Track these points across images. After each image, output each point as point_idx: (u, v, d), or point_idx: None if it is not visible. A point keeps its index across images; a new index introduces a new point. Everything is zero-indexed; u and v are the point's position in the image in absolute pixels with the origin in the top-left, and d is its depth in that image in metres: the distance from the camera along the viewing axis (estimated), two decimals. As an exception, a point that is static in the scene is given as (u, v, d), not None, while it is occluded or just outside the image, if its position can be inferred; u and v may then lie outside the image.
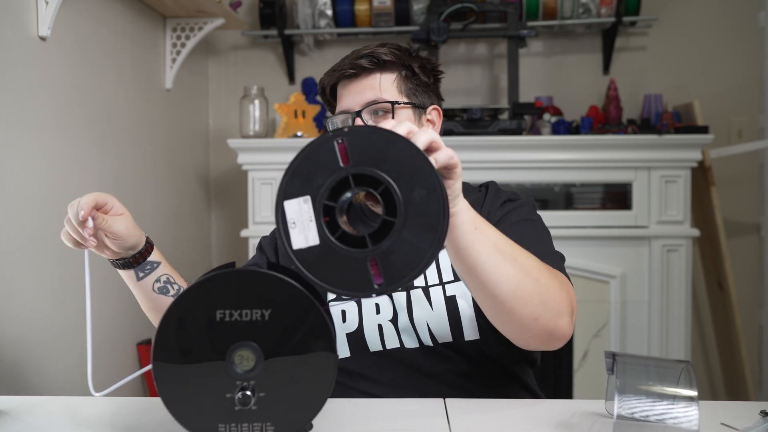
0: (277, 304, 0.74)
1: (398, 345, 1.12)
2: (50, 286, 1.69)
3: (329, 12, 2.62)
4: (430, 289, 1.13)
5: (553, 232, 1.15)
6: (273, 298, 0.74)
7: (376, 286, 0.71)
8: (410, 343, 1.12)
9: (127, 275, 1.13)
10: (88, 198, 1.01)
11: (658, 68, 2.73)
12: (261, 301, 0.74)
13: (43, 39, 1.65)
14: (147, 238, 1.11)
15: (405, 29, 2.64)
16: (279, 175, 2.95)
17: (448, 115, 2.39)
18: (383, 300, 1.14)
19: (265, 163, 2.47)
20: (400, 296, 1.14)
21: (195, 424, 0.75)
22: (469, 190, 1.23)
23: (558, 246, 1.11)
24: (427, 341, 1.12)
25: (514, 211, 1.16)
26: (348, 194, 0.72)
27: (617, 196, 2.45)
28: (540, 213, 1.18)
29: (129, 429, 0.88)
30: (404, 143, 0.71)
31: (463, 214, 0.83)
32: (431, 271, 1.15)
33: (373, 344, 1.13)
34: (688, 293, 2.41)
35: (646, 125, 2.39)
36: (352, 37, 2.77)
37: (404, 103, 1.16)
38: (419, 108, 1.18)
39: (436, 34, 2.41)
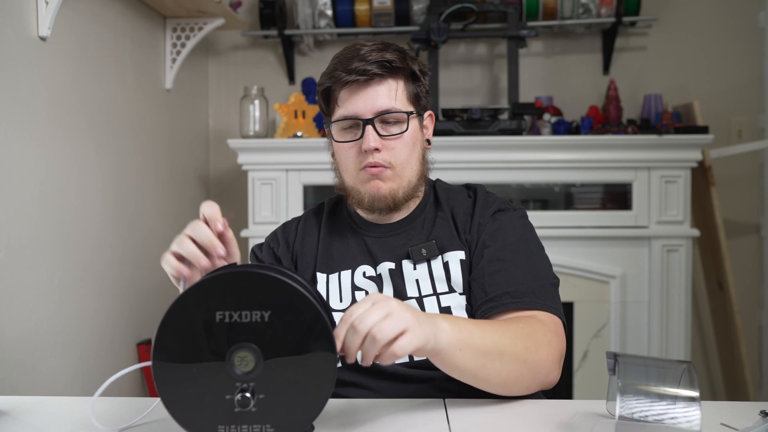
0: (276, 305, 0.74)
1: None
2: (50, 286, 1.69)
3: (329, 12, 2.62)
4: (424, 299, 1.09)
5: (553, 232, 1.15)
6: (273, 300, 0.74)
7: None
8: None
9: None
10: (213, 206, 0.87)
11: (658, 68, 2.73)
12: (261, 303, 0.74)
13: (43, 39, 1.65)
14: None
15: (405, 29, 2.64)
16: (279, 176, 2.91)
17: (448, 115, 2.39)
18: None
19: (265, 164, 2.47)
20: None
21: (195, 425, 0.75)
22: (456, 192, 1.20)
23: (558, 246, 1.10)
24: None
25: (507, 225, 1.12)
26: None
27: (617, 197, 2.45)
28: (540, 213, 1.17)
29: (129, 429, 0.88)
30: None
31: (445, 344, 0.85)
32: (425, 281, 1.10)
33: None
34: (688, 293, 2.41)
35: (646, 125, 2.39)
36: (352, 38, 2.77)
37: (415, 112, 1.12)
38: (421, 115, 1.15)
39: (436, 34, 2.41)
